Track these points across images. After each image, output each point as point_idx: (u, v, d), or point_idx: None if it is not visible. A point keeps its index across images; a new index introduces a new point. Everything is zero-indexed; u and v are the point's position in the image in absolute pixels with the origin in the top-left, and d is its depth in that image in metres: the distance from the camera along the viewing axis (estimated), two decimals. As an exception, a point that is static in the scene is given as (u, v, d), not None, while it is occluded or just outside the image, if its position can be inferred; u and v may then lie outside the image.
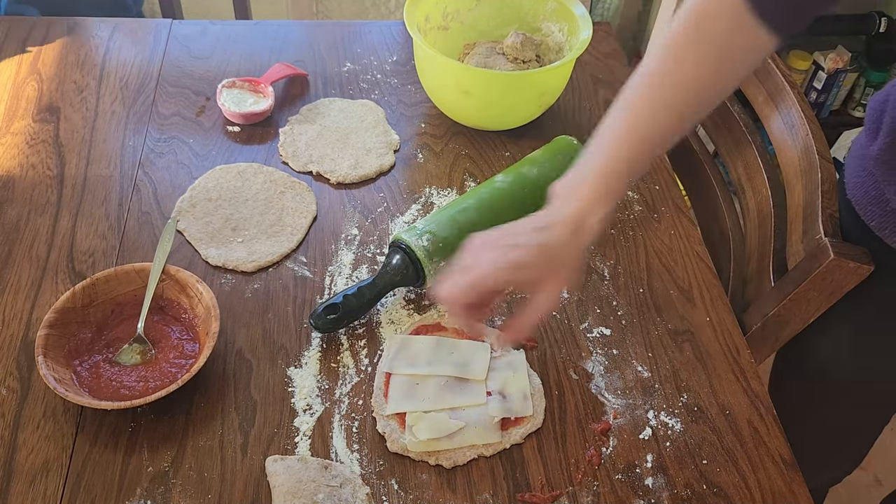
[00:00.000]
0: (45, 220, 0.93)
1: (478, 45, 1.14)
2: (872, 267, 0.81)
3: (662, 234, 0.99)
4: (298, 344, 0.83)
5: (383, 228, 0.96)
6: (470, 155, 1.07)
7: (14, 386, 0.78)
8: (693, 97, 0.70)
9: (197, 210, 0.95)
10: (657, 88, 0.70)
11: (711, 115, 1.17)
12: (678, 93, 0.69)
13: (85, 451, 0.73)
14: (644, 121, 0.70)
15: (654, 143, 0.71)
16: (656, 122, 0.70)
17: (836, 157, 2.09)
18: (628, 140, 0.70)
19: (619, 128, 0.71)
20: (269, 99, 1.09)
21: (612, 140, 0.71)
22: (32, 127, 1.05)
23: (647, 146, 0.71)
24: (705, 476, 0.76)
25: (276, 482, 0.71)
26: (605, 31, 1.30)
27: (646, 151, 0.71)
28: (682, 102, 0.69)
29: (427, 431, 0.74)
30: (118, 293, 0.82)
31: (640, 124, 0.70)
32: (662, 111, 0.70)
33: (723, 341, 0.87)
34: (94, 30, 1.22)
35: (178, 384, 0.74)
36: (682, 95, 0.69)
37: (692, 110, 0.71)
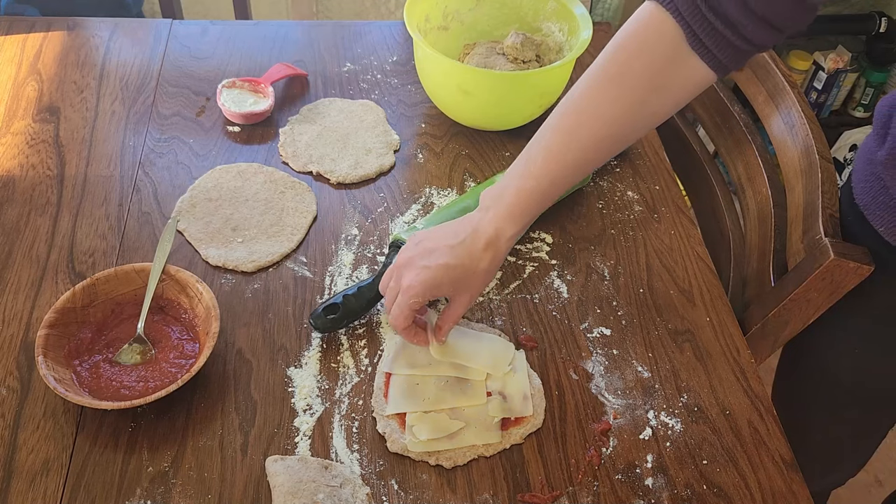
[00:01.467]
0: (45, 220, 0.93)
1: (478, 46, 1.14)
2: (872, 267, 0.81)
3: (662, 234, 0.99)
4: (298, 344, 0.83)
5: (383, 228, 0.96)
6: (470, 155, 1.07)
7: (14, 386, 0.78)
8: (612, 132, 0.71)
9: (197, 210, 0.95)
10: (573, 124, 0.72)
11: (711, 115, 1.17)
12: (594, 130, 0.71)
13: (85, 451, 0.73)
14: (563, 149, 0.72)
15: (575, 169, 0.74)
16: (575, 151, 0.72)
17: (836, 157, 2.10)
18: (548, 168, 0.73)
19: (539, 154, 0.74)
20: (269, 99, 1.09)
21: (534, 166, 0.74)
22: (32, 127, 1.05)
23: (570, 172, 0.74)
24: (705, 476, 0.76)
25: (276, 482, 0.71)
26: (605, 31, 1.30)
27: (567, 177, 0.74)
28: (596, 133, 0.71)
29: (427, 432, 0.74)
30: (118, 293, 0.82)
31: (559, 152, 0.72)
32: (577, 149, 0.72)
33: (723, 341, 0.87)
34: (94, 30, 1.22)
35: (178, 384, 0.74)
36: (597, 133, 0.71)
37: (606, 147, 0.73)
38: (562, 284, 0.92)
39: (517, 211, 0.74)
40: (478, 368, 0.80)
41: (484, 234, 0.74)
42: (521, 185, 0.74)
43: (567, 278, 0.92)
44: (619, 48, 0.69)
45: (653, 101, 0.70)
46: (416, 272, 0.74)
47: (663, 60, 0.67)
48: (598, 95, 0.70)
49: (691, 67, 0.67)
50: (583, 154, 0.72)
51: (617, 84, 0.69)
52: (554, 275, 0.93)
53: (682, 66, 0.67)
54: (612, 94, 0.69)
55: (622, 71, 0.68)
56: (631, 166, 1.07)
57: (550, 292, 0.91)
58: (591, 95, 0.71)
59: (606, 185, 1.05)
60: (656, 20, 0.66)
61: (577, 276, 0.93)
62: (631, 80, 0.68)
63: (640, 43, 0.68)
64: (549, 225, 0.98)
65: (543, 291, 0.91)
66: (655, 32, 0.67)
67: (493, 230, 0.74)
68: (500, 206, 0.74)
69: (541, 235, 0.97)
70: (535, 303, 0.90)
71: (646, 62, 0.67)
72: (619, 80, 0.69)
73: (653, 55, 0.67)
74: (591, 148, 0.72)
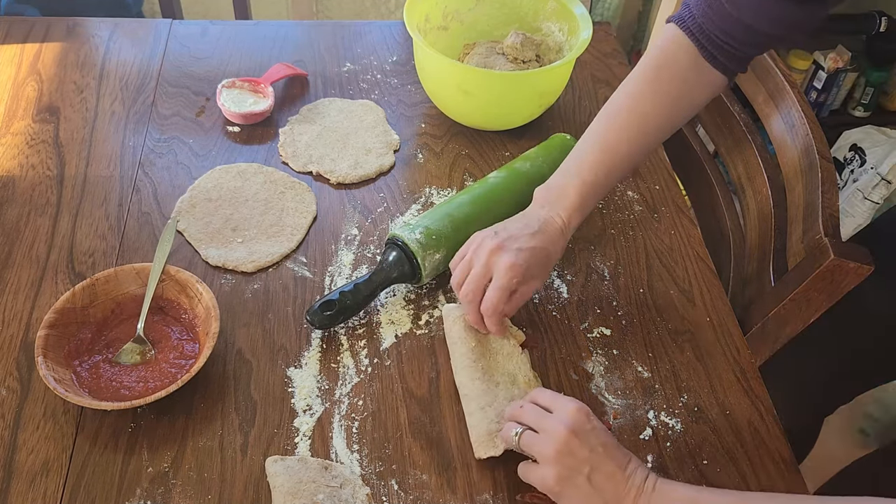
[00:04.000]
0: (45, 221, 0.93)
1: (478, 45, 1.14)
2: (872, 267, 0.81)
3: (662, 234, 0.99)
4: (298, 344, 0.83)
5: (383, 228, 0.96)
6: (470, 155, 1.07)
7: (14, 386, 0.78)
8: (651, 129, 0.85)
9: (197, 210, 0.95)
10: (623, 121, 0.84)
11: (711, 116, 1.17)
12: (640, 125, 0.84)
13: (85, 451, 0.73)
14: (613, 145, 0.84)
15: (623, 165, 0.85)
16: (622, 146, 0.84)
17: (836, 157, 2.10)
18: (602, 160, 0.83)
19: (594, 148, 0.84)
20: (269, 99, 1.09)
21: (589, 158, 0.84)
22: (32, 127, 1.05)
23: (618, 167, 0.84)
24: (706, 476, 0.76)
25: (276, 483, 0.71)
26: (605, 31, 1.30)
27: (616, 172, 0.85)
28: (640, 131, 0.84)
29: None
30: (118, 293, 0.82)
31: (610, 147, 0.84)
32: (626, 139, 0.84)
33: (723, 341, 0.87)
34: (94, 30, 1.22)
35: (177, 384, 0.74)
36: (643, 127, 0.84)
37: (652, 139, 0.86)
38: (562, 284, 0.92)
39: (579, 202, 0.82)
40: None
41: (556, 223, 0.82)
42: (582, 178, 0.82)
43: (567, 278, 0.92)
44: (651, 58, 0.85)
45: (683, 100, 0.84)
46: (514, 254, 0.78)
47: (685, 69, 0.83)
48: (640, 96, 0.84)
49: (707, 73, 0.83)
50: (631, 146, 0.84)
51: (654, 87, 0.84)
52: (554, 275, 0.93)
53: (701, 73, 0.83)
54: (650, 95, 0.84)
55: (657, 76, 0.84)
56: (631, 166, 1.07)
57: (550, 292, 0.91)
58: (634, 96, 0.84)
59: (606, 185, 1.04)
60: (678, 37, 0.83)
61: (577, 276, 0.93)
62: (664, 84, 0.84)
63: (666, 55, 0.84)
64: (549, 225, 0.98)
65: (543, 291, 0.91)
66: (677, 47, 0.83)
67: (562, 221, 0.82)
68: (564, 199, 0.82)
69: (541, 235, 0.97)
70: (534, 303, 0.90)
71: (673, 71, 0.83)
72: (655, 85, 0.84)
73: (678, 65, 0.83)
74: (638, 140, 0.84)
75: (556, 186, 0.84)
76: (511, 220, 0.83)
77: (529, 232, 0.80)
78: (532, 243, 0.79)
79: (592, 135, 0.85)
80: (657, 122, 0.85)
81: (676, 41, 0.83)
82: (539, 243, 0.79)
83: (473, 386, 0.78)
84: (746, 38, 0.79)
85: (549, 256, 0.81)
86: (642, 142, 0.85)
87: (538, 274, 0.80)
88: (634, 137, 0.84)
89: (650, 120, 0.84)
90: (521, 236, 0.79)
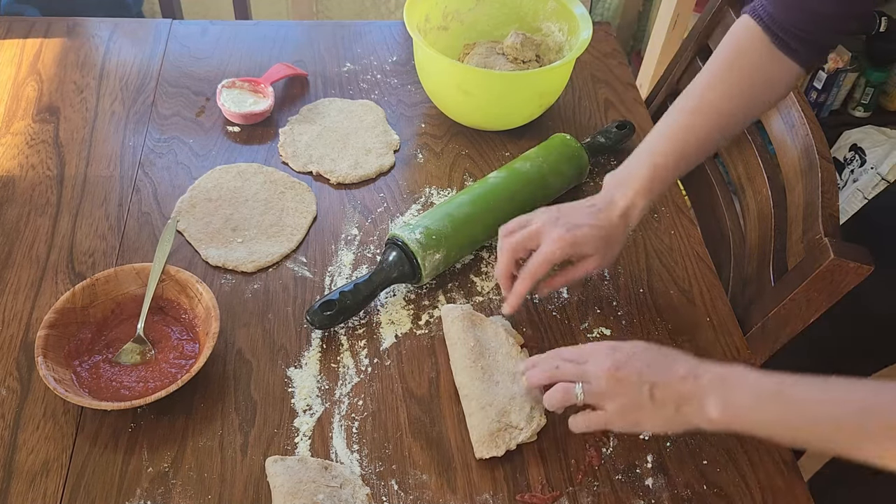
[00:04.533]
0: (45, 221, 0.93)
1: (478, 45, 1.14)
2: (872, 267, 0.81)
3: (662, 234, 0.99)
4: (298, 344, 0.83)
5: (383, 229, 0.96)
6: (470, 155, 1.07)
7: (14, 386, 0.78)
8: (725, 118, 0.84)
9: (197, 210, 0.95)
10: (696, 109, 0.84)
11: (711, 115, 1.16)
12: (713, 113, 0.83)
13: (85, 451, 0.73)
14: (685, 132, 0.83)
15: (695, 152, 0.84)
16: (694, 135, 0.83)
17: (836, 157, 2.10)
18: (673, 147, 0.83)
19: (665, 135, 0.84)
20: (269, 99, 1.09)
21: (661, 144, 0.84)
22: (32, 127, 1.05)
23: (690, 154, 0.84)
24: (706, 476, 0.76)
25: (276, 483, 0.71)
26: (605, 31, 1.30)
27: (686, 157, 0.84)
28: (714, 122, 0.83)
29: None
30: (118, 293, 0.82)
31: (682, 135, 0.83)
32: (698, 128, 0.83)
33: (723, 341, 0.87)
34: (94, 30, 1.22)
35: (177, 384, 0.74)
36: (717, 116, 0.83)
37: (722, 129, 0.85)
38: (562, 284, 0.92)
39: (647, 185, 0.82)
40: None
41: (619, 205, 0.82)
42: (651, 161, 0.83)
43: (567, 278, 0.92)
44: (724, 48, 0.85)
45: (758, 90, 0.84)
46: (567, 228, 0.80)
47: (759, 58, 0.82)
48: (714, 85, 0.84)
49: (782, 62, 0.82)
50: (704, 132, 0.84)
51: (727, 76, 0.84)
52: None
53: (775, 62, 0.82)
54: (724, 84, 0.84)
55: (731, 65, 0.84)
56: (631, 166, 1.07)
57: (550, 292, 0.91)
58: (709, 85, 0.84)
59: (606, 185, 1.04)
60: (750, 26, 0.83)
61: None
62: (737, 74, 0.83)
63: (740, 44, 0.84)
64: (549, 225, 0.98)
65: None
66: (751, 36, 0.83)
67: (627, 202, 0.82)
68: (632, 182, 0.83)
69: (541, 235, 0.97)
70: (534, 303, 0.90)
71: (747, 60, 0.83)
72: (729, 74, 0.84)
73: (752, 54, 0.83)
74: (710, 126, 0.84)
75: (624, 171, 0.84)
76: (574, 203, 0.85)
77: (589, 211, 0.82)
78: (588, 221, 0.81)
79: (664, 122, 0.85)
80: (731, 112, 0.84)
81: (749, 30, 0.83)
82: (595, 221, 0.81)
83: (474, 386, 0.78)
84: (815, 20, 0.79)
85: (608, 238, 0.82)
86: (716, 130, 0.84)
87: (594, 252, 0.81)
88: (707, 125, 0.84)
89: (724, 108, 0.83)
90: (579, 214, 0.82)
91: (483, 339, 0.82)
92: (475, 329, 0.82)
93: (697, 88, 0.85)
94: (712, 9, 1.16)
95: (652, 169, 0.82)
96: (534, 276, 0.80)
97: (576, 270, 0.83)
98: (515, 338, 0.84)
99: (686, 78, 1.23)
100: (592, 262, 0.82)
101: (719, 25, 1.16)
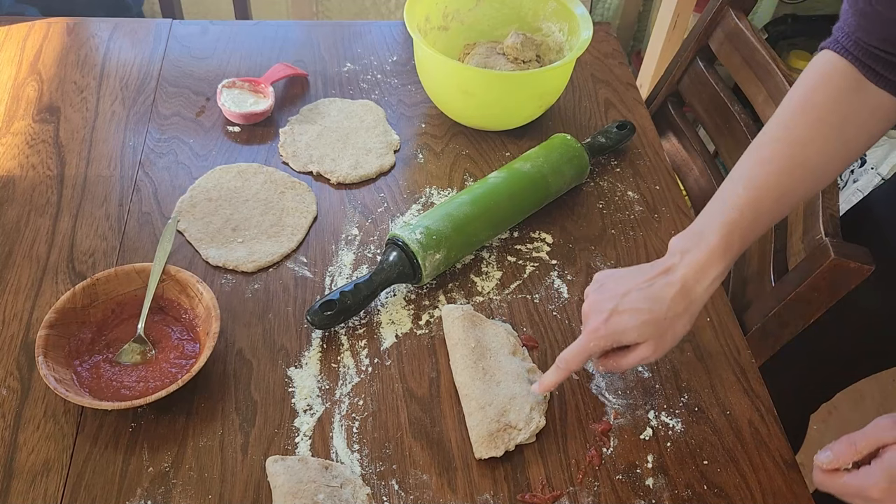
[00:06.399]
0: (46, 221, 0.93)
1: (478, 46, 1.14)
2: (873, 267, 0.81)
3: (663, 234, 0.99)
4: (299, 344, 0.83)
5: (383, 228, 0.96)
6: (470, 155, 1.07)
7: (14, 386, 0.78)
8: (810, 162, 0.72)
9: (197, 210, 0.95)
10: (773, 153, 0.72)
11: (711, 115, 1.17)
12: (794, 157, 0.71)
13: (85, 451, 0.73)
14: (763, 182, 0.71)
15: (776, 203, 0.72)
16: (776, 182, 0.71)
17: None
18: (750, 199, 0.71)
19: (739, 187, 0.72)
20: (269, 99, 1.09)
21: (733, 197, 0.72)
22: (32, 127, 1.05)
23: (771, 206, 0.72)
24: (706, 476, 0.76)
25: (276, 482, 0.71)
26: (605, 31, 1.30)
27: (769, 212, 0.72)
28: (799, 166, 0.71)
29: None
30: (118, 293, 0.82)
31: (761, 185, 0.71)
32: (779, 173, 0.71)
33: (723, 341, 0.87)
34: (94, 30, 1.22)
35: (178, 384, 0.74)
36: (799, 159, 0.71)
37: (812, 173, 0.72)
38: (562, 284, 0.92)
39: (719, 250, 0.70)
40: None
41: (679, 279, 0.70)
42: (723, 219, 0.71)
43: (567, 278, 0.92)
44: (802, 84, 0.74)
45: (847, 128, 0.72)
46: (605, 316, 0.71)
47: (844, 91, 0.71)
48: (792, 125, 0.72)
49: (873, 95, 0.71)
50: (781, 181, 0.72)
51: (807, 113, 0.72)
52: (554, 275, 0.93)
53: (865, 95, 0.71)
54: (803, 123, 0.72)
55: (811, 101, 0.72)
56: (631, 166, 1.07)
57: (551, 292, 0.91)
58: (786, 125, 0.73)
59: (606, 185, 1.05)
60: (831, 59, 0.72)
61: (577, 276, 0.93)
62: (819, 110, 0.71)
63: (819, 78, 0.72)
64: (549, 225, 0.98)
65: (544, 291, 0.91)
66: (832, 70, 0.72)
67: (691, 274, 0.70)
68: (701, 246, 0.70)
69: (541, 235, 0.97)
70: (535, 303, 0.90)
71: (829, 94, 0.71)
72: (809, 110, 0.72)
73: (834, 88, 0.71)
74: (788, 173, 0.72)
75: (693, 231, 0.72)
76: (633, 269, 0.74)
77: (640, 289, 0.71)
78: (633, 305, 0.70)
79: (737, 171, 0.74)
80: (816, 154, 0.72)
81: (831, 64, 0.72)
82: (643, 304, 0.70)
83: (474, 386, 0.78)
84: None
85: (658, 323, 0.70)
86: (800, 176, 0.72)
87: (644, 337, 0.70)
88: (789, 170, 0.71)
89: (808, 151, 0.71)
90: (627, 294, 0.71)
91: (484, 340, 0.82)
92: (476, 329, 0.82)
93: (773, 129, 0.73)
94: (712, 9, 1.16)
95: (727, 227, 0.70)
96: (568, 367, 0.73)
97: (626, 360, 0.72)
98: (516, 338, 0.84)
99: (686, 78, 1.23)
100: (643, 352, 0.71)
101: (719, 25, 1.16)
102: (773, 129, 0.73)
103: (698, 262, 0.70)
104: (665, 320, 0.70)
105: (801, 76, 0.74)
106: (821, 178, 0.74)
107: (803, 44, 2.16)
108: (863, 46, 0.70)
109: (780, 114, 0.73)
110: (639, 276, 0.72)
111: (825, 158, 0.72)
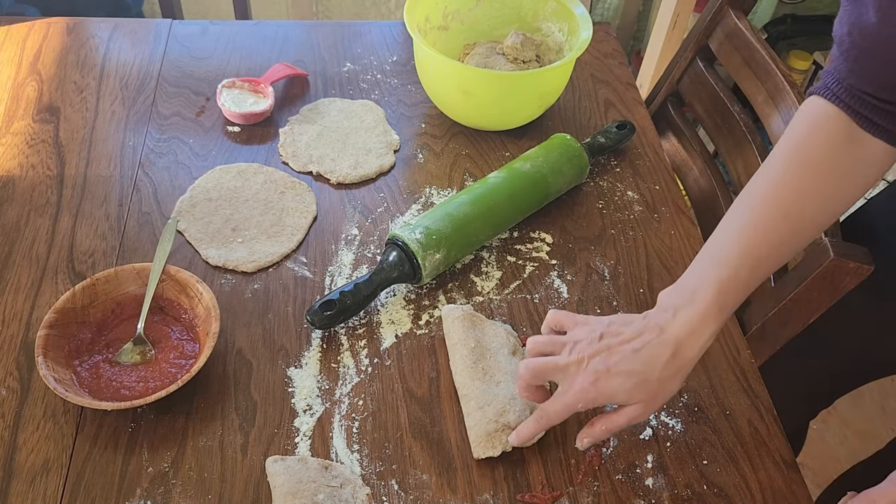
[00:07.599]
0: (45, 221, 0.93)
1: (478, 46, 1.14)
2: (873, 267, 0.81)
3: (662, 234, 0.99)
4: (298, 344, 0.83)
5: (383, 228, 0.96)
6: (470, 155, 1.07)
7: (14, 386, 0.78)
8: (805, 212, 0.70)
9: (197, 210, 0.95)
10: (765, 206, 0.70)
11: (711, 115, 1.17)
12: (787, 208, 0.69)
13: (85, 451, 0.73)
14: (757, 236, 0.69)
15: (770, 257, 0.70)
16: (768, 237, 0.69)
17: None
18: (744, 254, 0.69)
19: (732, 241, 0.70)
20: (269, 99, 1.09)
21: (725, 252, 0.70)
22: (32, 127, 1.05)
23: (765, 260, 0.70)
24: (706, 476, 0.76)
25: (276, 482, 0.71)
26: (605, 31, 1.30)
27: (763, 266, 0.70)
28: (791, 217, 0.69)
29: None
30: (118, 293, 0.82)
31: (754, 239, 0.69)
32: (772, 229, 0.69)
33: (723, 341, 0.87)
34: (94, 30, 1.22)
35: (178, 384, 0.74)
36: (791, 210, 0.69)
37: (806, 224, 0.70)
38: (562, 284, 0.92)
39: (714, 310, 0.67)
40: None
41: (672, 340, 0.68)
42: (717, 276, 0.68)
43: (567, 278, 0.92)
44: (792, 133, 0.71)
45: (840, 179, 0.70)
46: (592, 378, 0.68)
47: (836, 140, 0.69)
48: (784, 176, 0.70)
49: (867, 144, 0.69)
50: (775, 234, 0.69)
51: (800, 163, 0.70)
52: (554, 275, 0.93)
53: (858, 144, 0.69)
54: (796, 173, 0.70)
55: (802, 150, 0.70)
56: (631, 166, 1.07)
57: (550, 292, 0.91)
58: (776, 178, 0.71)
59: (606, 185, 1.05)
60: (822, 106, 0.70)
61: (577, 276, 0.93)
62: (811, 159, 0.69)
63: (811, 126, 0.70)
64: (549, 225, 0.98)
65: (543, 291, 0.91)
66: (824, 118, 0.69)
67: (684, 336, 0.68)
68: (695, 305, 0.68)
69: (541, 235, 0.97)
70: (535, 303, 0.90)
71: (820, 142, 0.69)
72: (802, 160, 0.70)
73: (826, 137, 0.69)
74: (786, 227, 0.69)
75: (685, 287, 0.70)
76: (625, 324, 0.70)
77: (631, 348, 0.68)
78: (623, 367, 0.67)
79: (729, 225, 0.71)
80: (811, 204, 0.70)
81: (822, 111, 0.70)
82: (636, 366, 0.67)
83: (473, 386, 0.78)
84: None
85: (649, 382, 0.67)
86: (794, 228, 0.70)
87: (633, 398, 0.68)
88: (781, 223, 0.69)
89: (802, 202, 0.69)
90: (617, 353, 0.68)
91: (484, 340, 0.82)
92: (476, 330, 0.82)
93: (763, 180, 0.71)
94: (712, 9, 1.16)
95: (721, 285, 0.68)
96: (550, 422, 0.71)
97: (617, 419, 0.70)
98: (516, 338, 0.84)
99: (686, 78, 1.23)
100: (633, 413, 0.69)
101: (719, 25, 1.16)
102: (765, 180, 0.71)
103: (691, 321, 0.68)
104: (656, 382, 0.68)
105: (792, 124, 0.72)
106: (816, 227, 0.72)
107: (803, 44, 2.16)
108: (855, 94, 0.68)
109: (771, 163, 0.71)
110: (633, 335, 0.69)
111: (818, 209, 0.70)
